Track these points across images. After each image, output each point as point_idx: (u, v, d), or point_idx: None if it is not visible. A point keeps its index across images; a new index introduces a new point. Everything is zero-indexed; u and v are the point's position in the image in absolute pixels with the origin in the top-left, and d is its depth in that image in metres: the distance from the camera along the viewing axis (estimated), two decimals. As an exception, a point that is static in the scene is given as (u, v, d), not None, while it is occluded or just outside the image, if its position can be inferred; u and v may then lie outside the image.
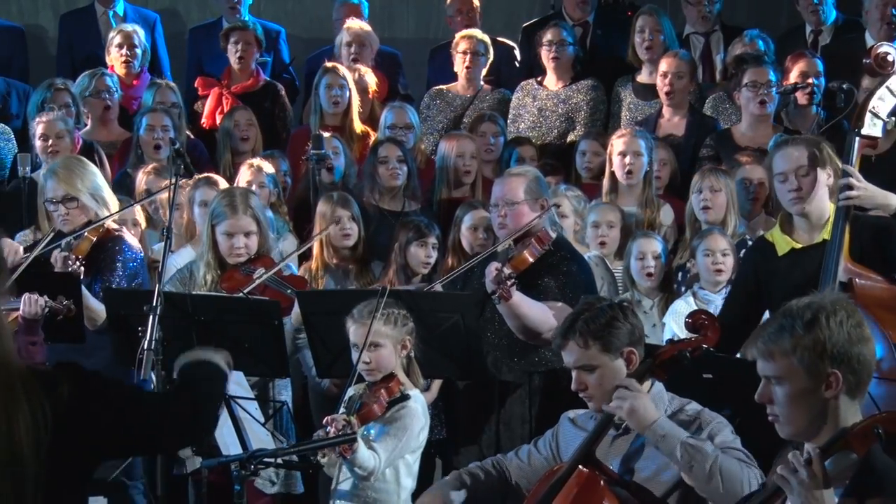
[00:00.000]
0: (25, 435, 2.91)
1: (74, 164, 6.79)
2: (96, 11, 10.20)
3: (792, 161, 5.73)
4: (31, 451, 2.91)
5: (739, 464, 4.36)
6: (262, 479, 6.31)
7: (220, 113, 9.19)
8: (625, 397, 4.49)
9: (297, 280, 6.70)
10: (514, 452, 4.98)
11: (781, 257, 5.79)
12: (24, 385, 2.94)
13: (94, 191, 6.65)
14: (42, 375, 2.98)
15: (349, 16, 9.77)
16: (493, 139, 8.58)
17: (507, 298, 5.87)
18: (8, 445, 2.90)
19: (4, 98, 9.32)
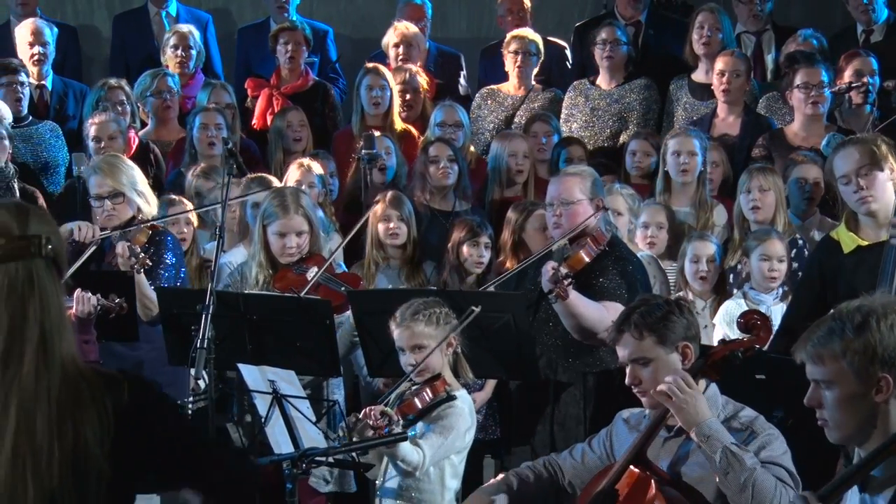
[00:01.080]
0: (90, 433, 2.93)
1: (115, 160, 6.86)
2: (149, 12, 10.27)
3: (852, 162, 5.71)
4: (95, 450, 2.92)
5: (776, 483, 4.35)
6: (317, 478, 6.34)
7: (270, 114, 9.22)
8: (678, 391, 4.47)
9: (352, 277, 6.71)
10: (568, 452, 4.97)
11: (847, 255, 5.76)
12: (88, 384, 2.96)
13: (135, 185, 6.71)
14: (104, 375, 3.00)
15: (413, 16, 9.80)
16: (546, 139, 8.57)
17: (565, 297, 5.85)
18: (73, 442, 2.91)
19: (61, 98, 9.40)
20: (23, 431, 2.89)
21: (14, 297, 2.91)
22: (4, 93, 8.68)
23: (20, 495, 2.88)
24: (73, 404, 2.93)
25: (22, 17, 9.74)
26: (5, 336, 2.91)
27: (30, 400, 2.90)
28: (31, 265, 2.94)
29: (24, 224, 2.96)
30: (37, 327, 2.93)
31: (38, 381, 2.91)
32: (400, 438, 5.07)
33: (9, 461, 2.88)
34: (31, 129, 8.74)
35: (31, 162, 8.57)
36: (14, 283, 2.92)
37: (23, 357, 2.91)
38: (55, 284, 2.97)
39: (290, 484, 4.90)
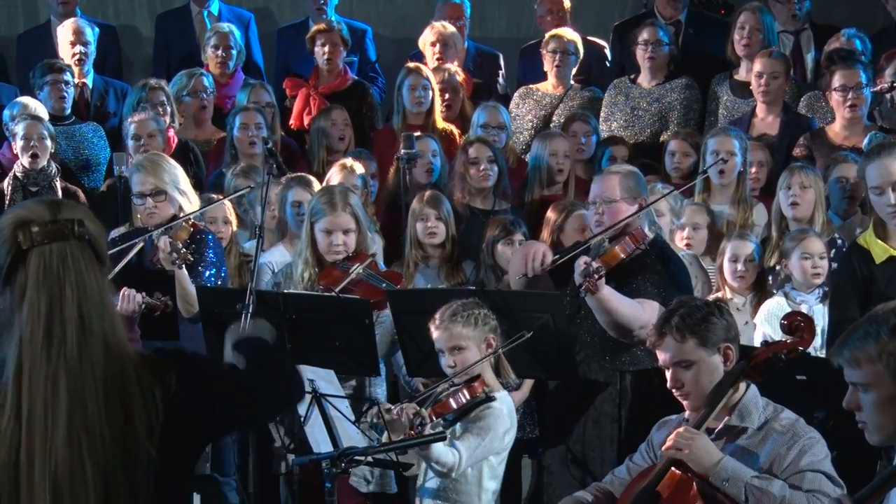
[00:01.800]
0: (139, 422, 2.97)
1: (158, 158, 6.87)
2: (191, 11, 10.32)
3: (887, 175, 5.65)
4: (144, 438, 2.97)
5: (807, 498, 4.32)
6: (357, 478, 6.34)
7: (307, 114, 9.24)
8: (686, 438, 4.47)
9: (394, 275, 6.72)
10: (612, 474, 4.95)
11: (879, 265, 5.71)
12: (136, 373, 3.00)
13: (177, 184, 6.72)
14: (152, 363, 3.04)
15: (452, 16, 9.80)
16: (585, 138, 8.57)
17: (594, 291, 5.80)
18: (123, 432, 2.96)
19: (102, 97, 9.45)
20: (75, 410, 2.94)
21: (50, 279, 2.98)
22: (49, 91, 8.74)
23: (79, 475, 2.93)
24: (119, 385, 2.98)
25: (62, 17, 9.79)
26: (45, 317, 2.97)
27: (77, 379, 2.96)
28: (64, 247, 3.00)
29: (57, 211, 3.03)
30: (75, 307, 2.99)
31: (82, 359, 2.97)
32: (437, 438, 5.07)
33: (65, 440, 2.93)
34: (73, 129, 8.80)
35: (72, 161, 8.63)
36: (49, 264, 2.98)
37: (65, 337, 2.97)
38: (92, 266, 3.03)
39: (329, 483, 4.92)
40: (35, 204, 3.06)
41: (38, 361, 2.95)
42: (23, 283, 2.98)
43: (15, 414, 2.94)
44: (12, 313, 2.99)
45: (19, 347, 2.96)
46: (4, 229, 3.00)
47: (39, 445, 2.93)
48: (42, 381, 2.94)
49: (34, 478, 2.91)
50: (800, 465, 4.43)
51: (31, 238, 2.97)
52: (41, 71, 8.84)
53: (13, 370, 2.95)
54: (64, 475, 2.92)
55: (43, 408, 2.94)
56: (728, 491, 4.39)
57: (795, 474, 4.43)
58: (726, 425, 4.62)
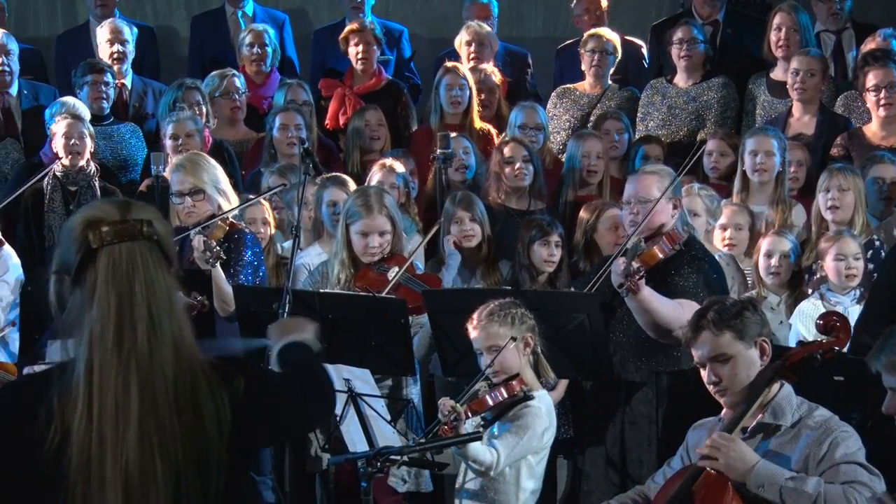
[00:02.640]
0: (209, 422, 3.01)
1: (198, 157, 6.89)
2: (226, 12, 10.36)
3: None
4: (216, 440, 3.01)
5: (843, 491, 4.30)
6: (395, 477, 6.34)
7: (342, 114, 9.26)
8: (719, 447, 4.45)
9: (432, 278, 6.72)
10: (651, 479, 4.94)
11: None
12: (205, 374, 3.04)
13: (217, 183, 6.73)
14: (220, 367, 3.08)
15: (479, 15, 9.81)
16: (618, 136, 8.55)
17: (635, 291, 5.80)
18: (194, 431, 3.00)
19: (141, 97, 9.50)
20: (146, 408, 2.98)
21: (119, 278, 3.01)
22: (89, 92, 8.79)
23: (150, 471, 2.96)
24: (190, 385, 3.02)
25: (101, 17, 9.84)
26: (115, 316, 3.00)
27: (147, 377, 2.99)
28: (133, 247, 3.04)
29: (126, 211, 3.06)
30: (144, 306, 3.02)
31: (152, 358, 3.00)
32: (473, 438, 5.07)
33: (136, 438, 2.97)
34: (111, 129, 8.85)
35: (110, 161, 8.67)
36: (118, 264, 3.01)
37: (135, 336, 3.00)
38: (160, 266, 3.07)
39: (365, 482, 4.92)
40: (105, 204, 3.09)
41: (109, 360, 2.98)
42: (92, 281, 3.01)
43: (86, 411, 2.96)
44: (82, 311, 3.02)
45: (90, 346, 2.99)
46: (75, 228, 3.04)
47: (111, 442, 2.96)
48: (113, 379, 2.97)
49: (105, 474, 2.95)
50: (834, 457, 4.41)
51: (101, 237, 3.01)
52: (82, 70, 8.89)
53: (83, 368, 2.98)
54: (135, 472, 2.95)
55: (114, 405, 2.97)
56: (765, 496, 4.38)
57: (830, 468, 4.40)
58: (760, 423, 4.61)
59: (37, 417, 2.96)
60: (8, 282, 6.89)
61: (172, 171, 6.84)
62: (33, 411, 2.97)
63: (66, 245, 3.05)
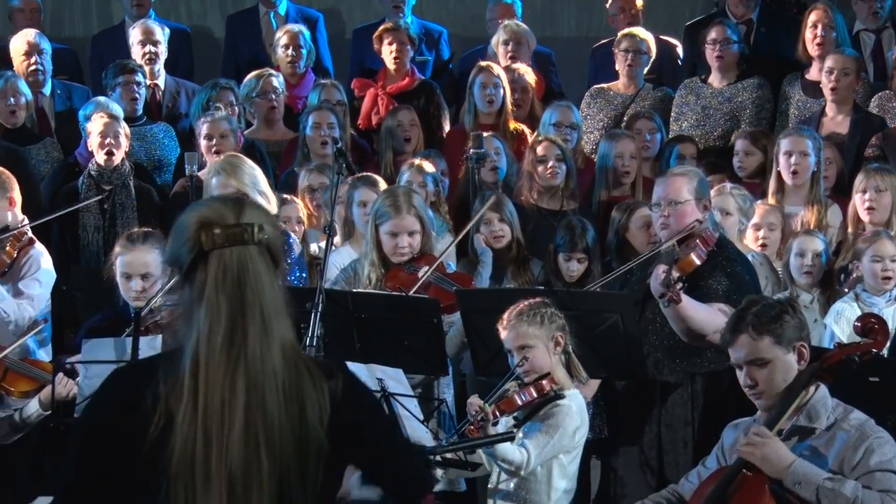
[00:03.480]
0: (312, 415, 3.04)
1: (237, 160, 6.88)
2: (259, 12, 10.38)
3: None
4: (318, 430, 3.04)
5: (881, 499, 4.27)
6: (428, 477, 6.34)
7: (375, 114, 9.26)
8: (756, 444, 4.43)
9: (463, 277, 6.71)
10: (685, 478, 4.92)
11: None
12: (307, 369, 3.07)
13: (257, 185, 6.73)
14: (321, 365, 3.12)
15: (503, 15, 9.81)
16: (650, 136, 8.52)
17: (677, 302, 5.74)
18: (299, 421, 3.02)
19: (174, 97, 9.52)
20: (253, 407, 3.00)
21: (229, 283, 3.03)
22: (121, 92, 8.81)
23: (254, 468, 2.99)
24: (296, 384, 3.05)
25: (136, 18, 9.87)
26: (226, 320, 3.02)
27: (257, 378, 3.01)
28: (245, 251, 3.06)
29: (239, 214, 3.08)
30: (257, 311, 3.04)
31: (263, 361, 3.02)
32: (505, 438, 5.07)
33: (241, 435, 2.99)
34: (144, 129, 8.86)
35: (144, 161, 8.70)
36: (228, 268, 3.03)
37: (246, 338, 3.02)
38: (269, 269, 3.08)
39: (398, 482, 4.90)
40: (219, 204, 3.11)
41: (218, 360, 3.01)
42: (202, 282, 3.04)
43: (192, 405, 2.99)
44: (191, 307, 3.05)
45: (197, 343, 3.02)
46: (188, 228, 3.05)
47: (216, 440, 2.98)
48: (221, 378, 3.00)
49: (210, 469, 2.97)
50: (869, 464, 4.38)
51: (213, 240, 3.03)
52: (114, 71, 8.91)
53: (190, 364, 3.01)
54: (238, 469, 2.97)
55: (220, 403, 2.99)
56: (801, 494, 4.35)
57: (865, 475, 4.38)
58: (795, 426, 4.58)
59: (144, 401, 2.98)
60: (40, 280, 6.91)
61: (212, 175, 6.83)
62: (141, 395, 2.99)
63: (179, 242, 3.07)
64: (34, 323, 6.72)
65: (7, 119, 8.65)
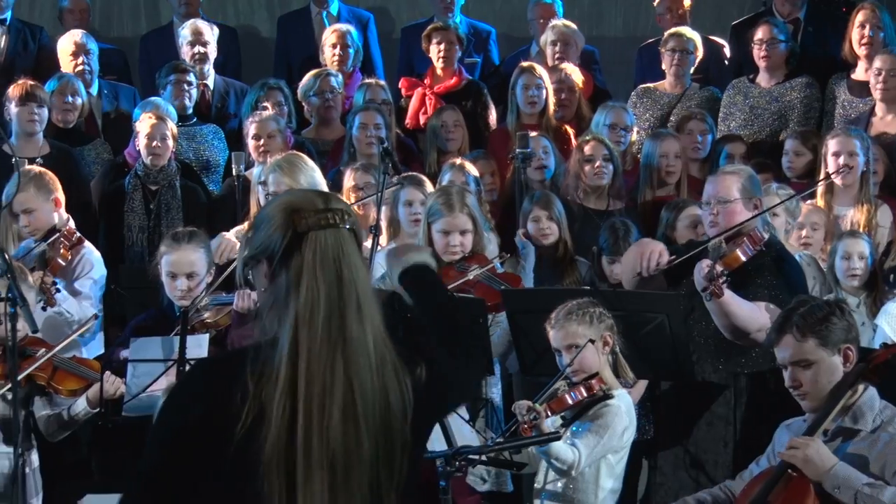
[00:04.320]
0: (396, 407, 3.05)
1: (296, 159, 6.91)
2: (311, 12, 10.41)
3: None
4: (400, 422, 3.06)
5: None
6: (474, 476, 6.34)
7: (422, 113, 9.28)
8: (798, 446, 4.42)
9: (512, 277, 6.71)
10: (740, 476, 4.91)
11: None
12: (393, 362, 3.08)
13: (314, 185, 6.74)
14: (404, 355, 3.13)
15: (544, 15, 9.80)
16: (701, 137, 8.49)
17: (719, 296, 5.76)
18: (385, 407, 3.04)
19: (223, 97, 9.56)
20: (352, 390, 3.01)
21: (327, 264, 3.04)
22: (172, 91, 8.86)
23: (354, 454, 3.00)
24: (383, 371, 3.06)
25: (184, 18, 9.92)
26: (325, 302, 3.03)
27: (354, 360, 3.02)
28: (339, 234, 3.08)
29: (327, 200, 3.11)
30: (354, 292, 3.05)
31: (358, 343, 3.04)
32: (552, 438, 5.07)
33: (341, 421, 2.99)
34: (194, 129, 8.90)
35: (192, 161, 8.74)
36: (325, 250, 3.04)
37: (344, 321, 3.03)
38: (359, 254, 3.11)
39: (444, 482, 4.92)
40: (304, 192, 3.16)
41: (318, 344, 3.00)
42: (299, 266, 3.03)
43: (289, 392, 2.98)
44: (288, 294, 3.03)
45: (295, 329, 3.01)
46: (276, 216, 3.06)
47: (317, 426, 2.97)
48: (322, 363, 2.99)
49: (312, 457, 2.97)
50: None
51: (307, 223, 3.04)
52: (166, 71, 8.96)
53: (288, 352, 3.00)
54: (339, 451, 2.98)
55: (321, 389, 2.99)
56: (840, 498, 4.34)
57: None
58: (839, 427, 4.56)
59: (232, 396, 2.97)
60: (94, 278, 6.95)
61: (269, 172, 6.87)
62: (229, 390, 2.98)
63: (269, 231, 3.07)
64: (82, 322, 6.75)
65: (62, 118, 8.71)
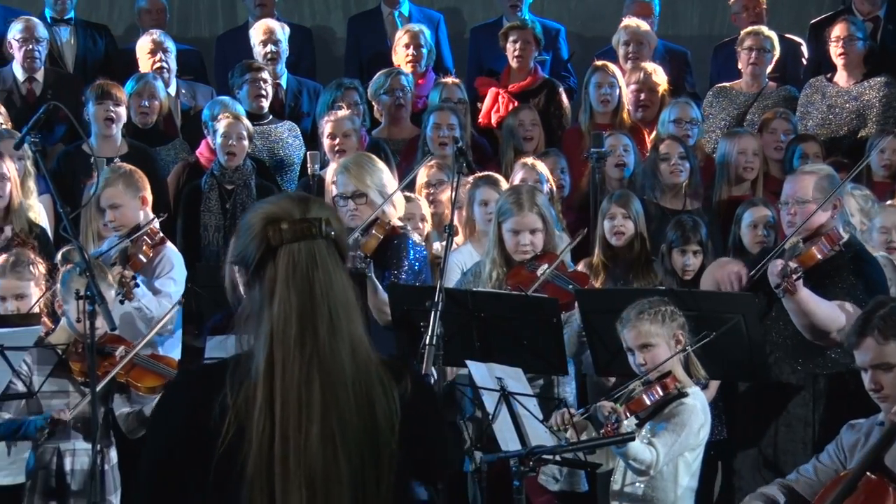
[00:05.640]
0: (383, 421, 3.02)
1: (365, 160, 6.89)
2: (382, 12, 10.45)
3: None
4: (388, 436, 3.02)
5: None
6: (546, 476, 6.34)
7: (496, 112, 9.27)
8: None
9: (581, 276, 6.69)
10: (797, 472, 4.85)
11: None
12: (378, 374, 3.05)
13: (382, 188, 6.73)
14: (389, 365, 3.09)
15: (640, 13, 9.75)
16: (784, 136, 8.41)
17: (793, 292, 5.72)
18: (371, 428, 3.01)
19: (296, 96, 9.62)
20: (329, 406, 2.98)
21: (299, 277, 3.00)
22: (247, 91, 8.92)
23: (333, 469, 2.97)
24: (366, 385, 3.02)
25: (259, 18, 9.99)
26: (297, 315, 3.00)
27: (329, 375, 2.99)
28: (312, 245, 3.03)
29: (306, 209, 3.05)
30: (325, 306, 3.01)
31: (333, 357, 3.00)
32: (627, 438, 5.06)
33: (319, 435, 2.96)
34: (269, 128, 8.95)
35: (268, 159, 8.79)
36: (298, 263, 3.01)
37: (317, 334, 3.00)
38: (337, 264, 3.06)
39: (518, 481, 4.92)
40: (284, 200, 3.09)
41: (292, 358, 2.98)
42: (272, 278, 3.02)
43: (267, 407, 2.96)
44: (261, 307, 3.03)
45: (270, 342, 3.00)
46: (255, 225, 3.04)
47: (294, 441, 2.95)
48: (296, 377, 2.97)
49: (289, 472, 2.95)
50: None
51: (281, 235, 3.01)
52: (240, 70, 9.02)
53: (264, 364, 2.99)
54: (318, 470, 2.95)
55: (297, 403, 2.97)
56: None
57: None
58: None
59: (212, 409, 2.97)
60: (175, 278, 7.00)
61: (337, 173, 6.88)
62: (209, 402, 2.98)
63: (246, 240, 3.06)
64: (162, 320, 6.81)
65: (140, 119, 8.80)
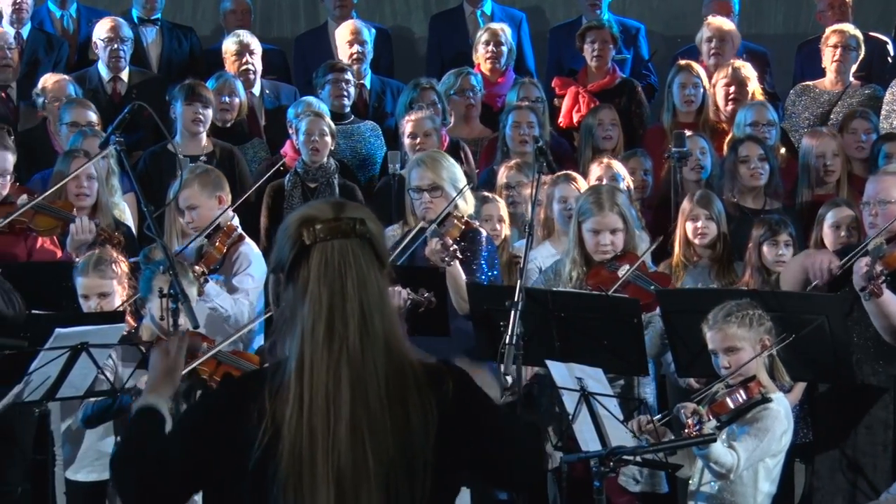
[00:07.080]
0: (416, 422, 3.01)
1: (438, 155, 6.96)
2: (465, 11, 10.46)
3: None
4: (422, 440, 3.01)
5: None
6: (626, 477, 6.33)
7: (576, 112, 9.25)
8: None
9: (662, 277, 6.67)
10: (887, 492, 4.83)
11: None
12: (414, 374, 3.05)
13: (455, 182, 6.78)
14: (430, 368, 3.09)
15: (720, 12, 9.69)
16: (865, 136, 8.31)
17: (878, 295, 5.68)
18: (403, 430, 3.01)
19: (380, 96, 9.66)
20: (358, 404, 2.99)
21: (331, 274, 3.03)
22: (330, 90, 8.97)
23: (362, 468, 2.97)
24: (399, 384, 3.03)
25: (339, 19, 10.05)
26: (327, 312, 3.03)
27: (359, 373, 3.00)
28: (346, 244, 3.06)
29: (340, 210, 3.09)
30: (356, 303, 3.03)
31: (363, 355, 3.02)
32: (708, 439, 5.03)
33: (348, 433, 2.98)
34: (351, 128, 9.00)
35: (349, 158, 8.84)
36: (330, 260, 3.04)
37: (346, 332, 3.02)
38: (371, 264, 3.08)
39: (598, 482, 4.91)
40: (321, 203, 3.13)
41: (320, 355, 3.01)
42: (305, 278, 3.05)
43: (297, 406, 2.99)
44: (295, 308, 3.06)
45: (301, 342, 3.02)
46: (290, 226, 3.08)
47: (322, 437, 2.97)
48: (324, 375, 2.99)
49: (317, 470, 2.96)
50: None
51: (315, 234, 3.04)
52: (323, 70, 9.08)
53: (295, 364, 3.02)
54: (347, 468, 2.97)
55: (325, 401, 2.99)
56: None
57: None
58: None
59: (249, 415, 2.99)
60: (252, 275, 7.06)
61: (412, 167, 6.93)
62: (246, 409, 3.00)
63: (282, 243, 3.10)
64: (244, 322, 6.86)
65: (220, 116, 8.88)
